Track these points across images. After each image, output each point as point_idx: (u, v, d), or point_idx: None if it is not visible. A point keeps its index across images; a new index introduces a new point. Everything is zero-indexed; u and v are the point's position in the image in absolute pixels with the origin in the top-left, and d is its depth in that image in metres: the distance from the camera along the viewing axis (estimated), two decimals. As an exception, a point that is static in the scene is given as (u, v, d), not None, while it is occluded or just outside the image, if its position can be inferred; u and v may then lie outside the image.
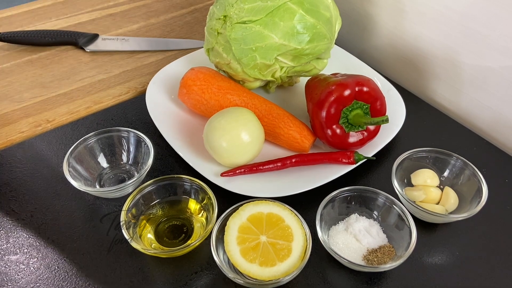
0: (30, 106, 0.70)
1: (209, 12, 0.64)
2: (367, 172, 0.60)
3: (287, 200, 0.52)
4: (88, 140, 0.58)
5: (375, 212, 0.53)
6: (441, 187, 0.57)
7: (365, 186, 0.53)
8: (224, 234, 0.49)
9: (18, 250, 0.52)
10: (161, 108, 0.66)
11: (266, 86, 0.69)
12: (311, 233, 0.49)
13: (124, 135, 0.60)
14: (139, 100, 0.71)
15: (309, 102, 0.60)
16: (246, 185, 0.56)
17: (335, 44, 0.72)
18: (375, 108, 0.57)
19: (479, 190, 0.53)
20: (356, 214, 0.53)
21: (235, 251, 0.48)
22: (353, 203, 0.54)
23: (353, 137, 0.58)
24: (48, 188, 0.58)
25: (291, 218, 0.50)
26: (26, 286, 0.49)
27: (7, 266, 0.51)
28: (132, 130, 0.59)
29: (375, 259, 0.49)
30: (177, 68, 0.72)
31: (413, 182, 0.57)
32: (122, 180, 0.59)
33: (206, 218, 0.52)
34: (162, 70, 0.72)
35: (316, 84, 0.60)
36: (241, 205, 0.51)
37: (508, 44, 0.59)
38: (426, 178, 0.56)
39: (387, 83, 0.70)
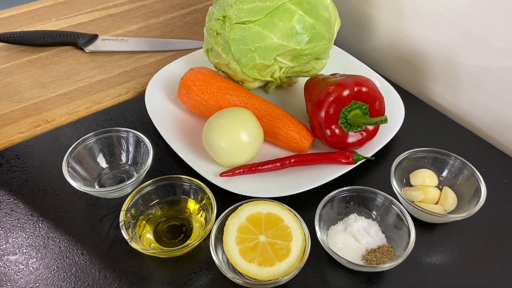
0: (29, 106, 0.70)
1: (208, 12, 0.64)
2: (366, 172, 0.60)
3: (286, 200, 0.52)
4: (87, 141, 0.58)
5: (374, 212, 0.53)
6: (440, 187, 0.57)
7: (364, 186, 0.53)
8: (223, 234, 0.49)
9: (17, 250, 0.52)
10: (160, 109, 0.66)
11: (265, 86, 0.69)
12: (310, 233, 0.49)
13: (123, 136, 0.60)
14: (139, 100, 0.71)
15: (308, 102, 0.60)
16: (245, 185, 0.56)
17: (334, 44, 0.72)
18: (374, 108, 0.57)
19: (478, 190, 0.53)
20: (355, 214, 0.53)
21: (234, 251, 0.48)
22: (352, 203, 0.54)
23: (352, 137, 0.58)
24: (47, 189, 0.58)
25: (290, 218, 0.50)
26: (25, 286, 0.49)
27: (6, 266, 0.51)
28: (131, 130, 0.59)
29: (374, 259, 0.49)
30: (176, 68, 0.72)
31: (412, 182, 0.57)
32: (121, 180, 0.59)
33: (205, 218, 0.52)
34: (162, 71, 0.72)
35: (315, 85, 0.60)
36: (240, 205, 0.51)
37: (507, 44, 0.59)
38: (424, 178, 0.56)
39: (386, 83, 0.70)
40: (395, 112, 0.65)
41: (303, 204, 0.55)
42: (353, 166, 0.58)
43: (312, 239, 0.49)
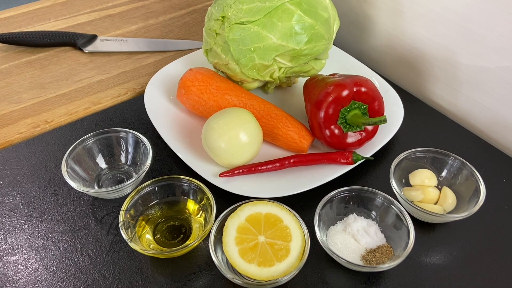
0: (28, 107, 0.70)
1: (207, 13, 0.64)
2: (365, 172, 0.60)
3: (286, 201, 0.52)
4: (87, 141, 0.58)
5: (373, 212, 0.53)
6: (439, 187, 0.57)
7: (363, 186, 0.53)
8: (222, 235, 0.49)
9: (16, 251, 0.52)
10: (160, 109, 0.66)
11: (264, 86, 0.69)
12: (309, 233, 0.49)
13: (123, 136, 0.60)
14: (138, 101, 0.71)
15: (308, 103, 0.60)
16: (245, 185, 0.56)
17: (333, 44, 0.72)
18: (373, 108, 0.57)
19: (477, 190, 0.53)
20: (354, 214, 0.53)
21: (234, 252, 0.48)
22: (351, 203, 0.54)
23: (351, 138, 0.58)
24: (46, 189, 0.58)
25: (289, 219, 0.50)
26: (25, 287, 0.49)
27: (5, 267, 0.51)
28: (130, 131, 0.59)
29: (373, 259, 0.49)
30: (175, 69, 0.72)
31: (411, 182, 0.57)
32: (121, 181, 0.59)
33: (205, 219, 0.52)
34: (161, 71, 0.72)
35: (314, 85, 0.60)
36: (240, 205, 0.51)
37: (505, 44, 0.59)
38: (424, 178, 0.56)
39: (385, 84, 0.70)
40: (395, 112, 0.65)
41: (302, 204, 0.55)
42: (352, 166, 0.58)
43: (311, 239, 0.49)
